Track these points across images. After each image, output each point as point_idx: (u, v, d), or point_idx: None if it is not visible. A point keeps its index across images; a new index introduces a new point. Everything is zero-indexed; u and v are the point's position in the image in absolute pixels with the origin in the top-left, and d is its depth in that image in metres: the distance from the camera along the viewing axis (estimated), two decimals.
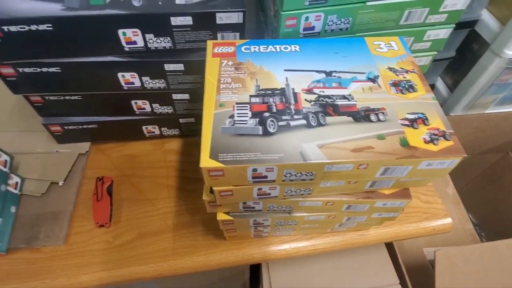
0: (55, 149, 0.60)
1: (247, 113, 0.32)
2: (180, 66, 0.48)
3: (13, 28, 0.39)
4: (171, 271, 0.50)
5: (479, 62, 0.69)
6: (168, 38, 0.44)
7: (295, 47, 0.38)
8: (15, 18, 0.38)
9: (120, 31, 0.42)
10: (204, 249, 0.52)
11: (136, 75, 0.48)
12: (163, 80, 0.50)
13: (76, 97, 0.51)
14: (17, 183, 0.54)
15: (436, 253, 0.58)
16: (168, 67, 0.47)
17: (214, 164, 0.28)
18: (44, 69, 0.45)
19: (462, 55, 0.72)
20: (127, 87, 0.50)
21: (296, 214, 0.40)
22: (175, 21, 0.42)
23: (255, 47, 0.38)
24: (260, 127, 0.30)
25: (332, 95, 0.33)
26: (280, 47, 0.38)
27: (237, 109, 0.32)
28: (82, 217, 0.54)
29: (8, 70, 0.44)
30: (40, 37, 0.40)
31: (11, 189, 0.52)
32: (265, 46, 0.38)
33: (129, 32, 0.42)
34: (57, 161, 0.58)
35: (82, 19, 0.40)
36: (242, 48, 0.38)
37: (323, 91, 0.34)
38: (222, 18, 0.43)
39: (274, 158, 0.28)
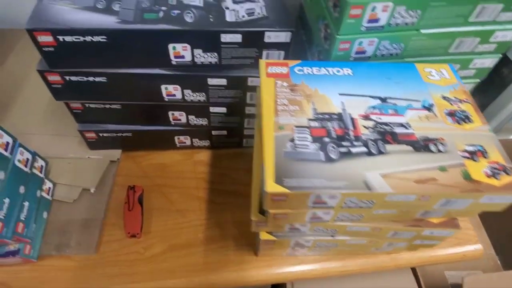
0: (86, 155, 0.60)
1: (307, 137, 0.32)
2: (223, 81, 0.48)
3: (68, 38, 0.39)
4: (201, 286, 0.50)
5: (510, 88, 0.69)
6: (215, 54, 0.44)
7: (347, 70, 0.38)
8: (72, 28, 0.39)
9: (170, 46, 0.42)
10: (235, 265, 0.51)
11: (179, 87, 0.48)
12: (204, 94, 0.50)
13: (115, 106, 0.51)
14: (49, 188, 0.54)
15: (465, 279, 0.58)
16: (211, 81, 0.48)
17: (280, 189, 0.28)
18: (91, 78, 0.45)
19: (491, 79, 0.72)
20: (168, 98, 0.50)
21: (339, 238, 0.39)
22: (225, 38, 0.42)
23: (308, 69, 0.38)
24: (322, 153, 0.30)
25: (389, 123, 0.33)
26: (332, 70, 0.38)
27: (297, 133, 0.32)
28: (113, 225, 0.54)
29: (55, 78, 0.45)
30: (93, 48, 0.41)
31: (44, 194, 0.52)
32: (318, 68, 0.38)
33: (179, 46, 0.43)
34: (88, 167, 0.58)
35: (136, 33, 0.40)
36: (295, 69, 0.38)
37: (380, 118, 0.34)
38: (271, 37, 0.43)
39: (339, 186, 0.28)
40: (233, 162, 0.63)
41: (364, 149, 0.31)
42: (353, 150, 0.31)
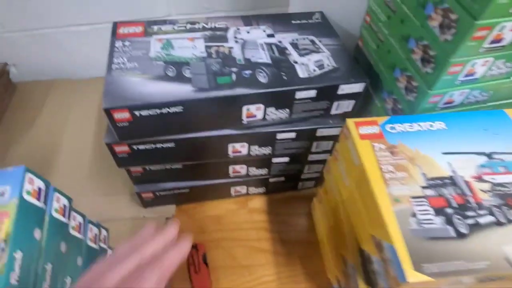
0: (141, 214, 0.57)
1: (428, 210, 0.30)
2: (292, 135, 0.46)
3: (144, 113, 0.37)
4: None
5: None
6: (287, 110, 0.43)
7: (440, 123, 0.36)
8: (151, 103, 0.37)
9: (245, 107, 0.41)
10: None
11: (246, 145, 0.47)
12: (270, 148, 0.48)
13: (176, 166, 0.49)
14: None
15: None
16: (280, 135, 0.46)
17: (422, 278, 0.26)
18: (159, 145, 0.43)
19: None
20: (234, 155, 0.48)
21: None
22: (300, 95, 0.41)
23: (400, 126, 0.36)
24: (451, 228, 0.29)
25: (505, 183, 0.32)
26: (425, 125, 0.36)
27: (416, 205, 0.30)
28: None
29: (123, 149, 0.43)
30: (167, 118, 0.39)
31: None
32: (410, 124, 0.36)
33: (253, 107, 0.41)
34: None
35: (214, 100, 0.39)
36: (387, 128, 0.36)
37: (493, 178, 0.32)
38: (344, 89, 0.42)
39: (482, 268, 0.26)
40: (289, 207, 0.61)
41: (491, 218, 0.29)
42: (481, 220, 0.29)
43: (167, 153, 0.45)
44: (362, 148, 0.34)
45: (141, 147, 0.43)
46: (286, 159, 0.52)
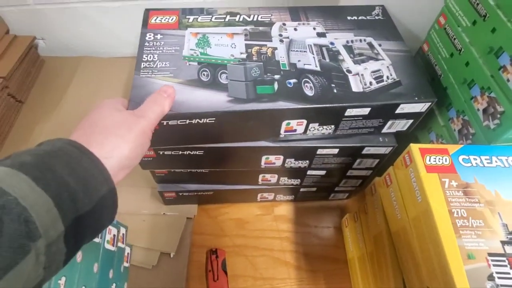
0: (162, 211, 0.54)
1: (509, 273, 0.24)
2: (334, 151, 0.41)
3: (173, 122, 0.33)
4: None
5: None
6: (332, 126, 0.37)
7: None
8: (180, 113, 0.32)
9: (285, 122, 0.35)
10: None
11: (281, 157, 0.42)
12: (307, 161, 0.43)
13: (202, 170, 0.45)
14: (128, 254, 0.49)
15: None
16: (321, 151, 0.41)
17: None
18: (186, 152, 0.39)
19: None
20: (266, 166, 0.44)
21: None
22: (350, 112, 0.35)
23: (475, 158, 0.30)
24: None
25: None
26: (507, 160, 0.30)
27: (494, 265, 0.25)
28: None
29: (148, 153, 0.39)
30: (197, 128, 0.34)
31: (125, 264, 0.47)
32: (488, 157, 0.30)
33: (294, 122, 0.36)
34: (165, 226, 0.53)
35: (250, 113, 0.33)
36: (460, 159, 0.30)
37: None
38: (404, 108, 0.35)
39: None
40: (318, 218, 0.57)
41: None
42: None
43: (194, 160, 0.41)
44: (429, 183, 0.29)
45: (167, 152, 0.39)
46: (322, 172, 0.47)
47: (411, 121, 0.38)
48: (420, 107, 0.35)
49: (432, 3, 0.41)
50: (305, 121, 0.36)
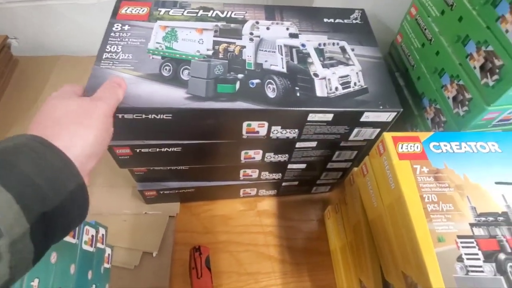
0: (143, 211, 0.54)
1: (477, 254, 0.25)
2: (312, 144, 0.41)
3: (128, 116, 0.32)
4: None
5: None
6: (296, 130, 0.37)
7: (493, 145, 0.31)
8: (134, 107, 0.31)
9: (245, 123, 0.35)
10: None
11: (260, 151, 0.42)
12: (287, 155, 0.43)
13: (182, 167, 0.45)
14: (109, 255, 0.48)
15: None
16: (300, 144, 0.41)
17: None
18: (164, 149, 0.39)
19: None
20: (245, 161, 0.44)
21: None
22: (313, 117, 0.35)
23: (445, 145, 0.31)
24: (503, 279, 0.24)
25: None
26: (476, 146, 0.31)
27: (463, 247, 0.25)
28: None
29: (124, 151, 0.38)
30: (156, 124, 0.33)
31: (105, 265, 0.46)
32: (457, 143, 0.31)
33: (255, 124, 0.35)
34: (146, 225, 0.52)
35: (207, 112, 0.33)
36: (431, 146, 0.31)
37: None
38: (369, 116, 0.35)
39: None
40: (301, 212, 0.57)
41: None
42: None
43: (173, 157, 0.40)
44: (401, 170, 0.29)
45: (144, 150, 0.38)
46: (302, 166, 0.47)
47: (378, 130, 0.38)
48: (385, 116, 0.35)
49: None
50: (266, 123, 0.35)
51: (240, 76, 0.35)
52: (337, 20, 0.42)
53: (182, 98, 0.32)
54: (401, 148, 0.30)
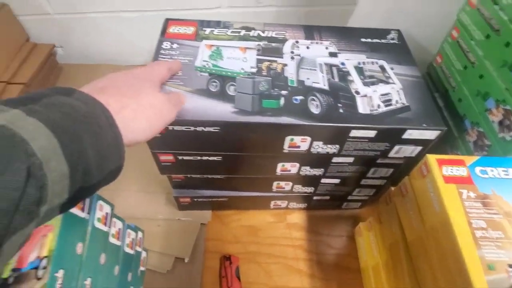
0: (176, 217, 0.55)
1: None
2: (349, 159, 0.41)
3: (177, 128, 0.34)
4: None
5: None
6: (337, 146, 0.38)
7: None
8: (184, 120, 0.33)
9: (288, 137, 0.36)
10: None
11: (297, 165, 0.42)
12: (323, 169, 0.44)
13: (219, 176, 0.46)
14: (144, 258, 0.50)
15: None
16: (336, 159, 0.41)
17: None
18: (205, 158, 0.40)
19: None
20: (281, 173, 0.44)
21: None
22: (355, 133, 0.35)
23: (492, 170, 0.31)
24: None
25: None
26: None
27: None
28: None
29: (167, 158, 0.40)
30: (203, 136, 0.35)
31: (141, 268, 0.48)
32: (505, 169, 0.31)
33: (297, 139, 0.36)
34: (179, 231, 0.54)
35: (253, 126, 0.34)
36: (477, 171, 0.31)
37: None
38: (412, 134, 0.35)
39: None
40: (331, 227, 0.57)
41: None
42: None
43: (212, 165, 0.42)
44: (447, 193, 0.29)
45: (186, 158, 0.40)
46: (336, 181, 0.47)
47: (419, 148, 0.38)
48: (429, 134, 0.35)
49: (443, 17, 0.42)
50: (309, 139, 0.36)
51: (284, 92, 0.36)
52: (374, 40, 0.43)
53: (230, 112, 0.34)
54: (446, 171, 0.30)
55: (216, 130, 0.34)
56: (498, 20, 0.33)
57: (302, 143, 0.37)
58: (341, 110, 0.35)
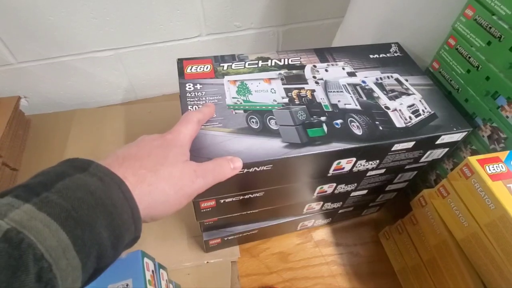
0: (204, 260, 0.52)
1: None
2: (381, 171, 0.43)
3: None
4: None
5: None
6: (377, 161, 0.39)
7: None
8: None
9: (336, 162, 0.37)
10: None
11: (334, 184, 0.43)
12: (355, 184, 0.45)
13: (256, 210, 0.45)
14: None
15: None
16: (370, 173, 0.43)
17: None
18: (247, 196, 0.39)
19: None
20: (318, 195, 0.45)
21: None
22: (397, 147, 0.37)
23: None
24: None
25: None
26: None
27: None
28: None
29: (209, 203, 0.38)
30: (253, 176, 0.34)
31: None
32: None
33: (344, 161, 0.37)
34: (211, 275, 0.51)
35: (306, 158, 0.34)
36: None
37: None
38: (444, 138, 0.38)
39: None
40: (356, 235, 0.58)
41: None
42: None
43: (253, 202, 0.40)
44: (498, 191, 0.32)
45: (229, 200, 0.38)
46: (364, 192, 0.49)
47: (446, 149, 0.41)
48: (457, 136, 0.39)
49: (434, 27, 0.46)
50: (354, 159, 0.37)
51: (323, 118, 0.36)
52: (381, 55, 0.46)
53: (280, 148, 0.33)
54: (489, 170, 0.33)
55: (269, 168, 0.33)
56: (499, 28, 0.37)
57: (347, 164, 0.37)
58: (380, 127, 0.36)
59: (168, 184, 0.26)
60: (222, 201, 0.38)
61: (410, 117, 0.38)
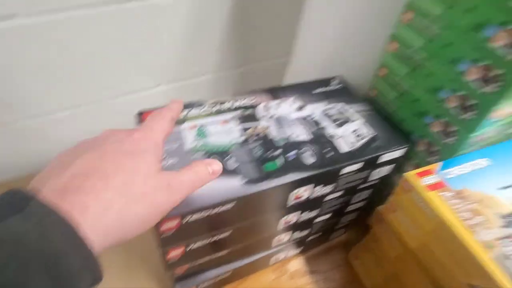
0: None
1: None
2: (340, 193, 0.46)
3: (194, 217, 0.33)
4: None
5: None
6: (333, 185, 0.42)
7: (485, 160, 0.40)
8: (201, 206, 0.33)
9: (294, 191, 0.39)
10: None
11: (298, 213, 0.45)
12: (318, 209, 0.47)
13: (222, 253, 0.45)
14: None
15: None
16: (329, 197, 0.46)
17: None
18: (215, 238, 0.39)
19: None
20: (285, 226, 0.46)
21: None
22: (345, 169, 0.41)
23: (453, 170, 0.38)
24: None
25: None
26: (472, 165, 0.39)
27: (504, 246, 0.32)
28: None
29: (177, 252, 0.38)
30: (216, 217, 0.35)
31: None
32: (459, 166, 0.39)
33: (302, 189, 0.39)
34: None
35: (265, 191, 0.36)
36: (444, 173, 0.38)
37: None
38: (385, 157, 0.43)
39: None
40: (326, 261, 0.60)
41: None
42: None
43: (221, 243, 0.41)
44: (433, 200, 0.36)
45: (196, 245, 0.38)
46: (327, 216, 0.51)
47: (393, 165, 0.45)
48: (398, 153, 0.43)
49: (365, 61, 0.53)
50: (311, 186, 0.40)
51: (278, 152, 0.39)
52: (324, 89, 0.51)
53: (240, 185, 0.35)
54: (425, 181, 0.38)
55: (230, 207, 0.35)
56: (417, 58, 0.42)
57: (305, 192, 0.40)
58: (329, 154, 0.40)
59: (140, 206, 0.23)
60: (190, 246, 0.38)
61: (354, 141, 0.42)
